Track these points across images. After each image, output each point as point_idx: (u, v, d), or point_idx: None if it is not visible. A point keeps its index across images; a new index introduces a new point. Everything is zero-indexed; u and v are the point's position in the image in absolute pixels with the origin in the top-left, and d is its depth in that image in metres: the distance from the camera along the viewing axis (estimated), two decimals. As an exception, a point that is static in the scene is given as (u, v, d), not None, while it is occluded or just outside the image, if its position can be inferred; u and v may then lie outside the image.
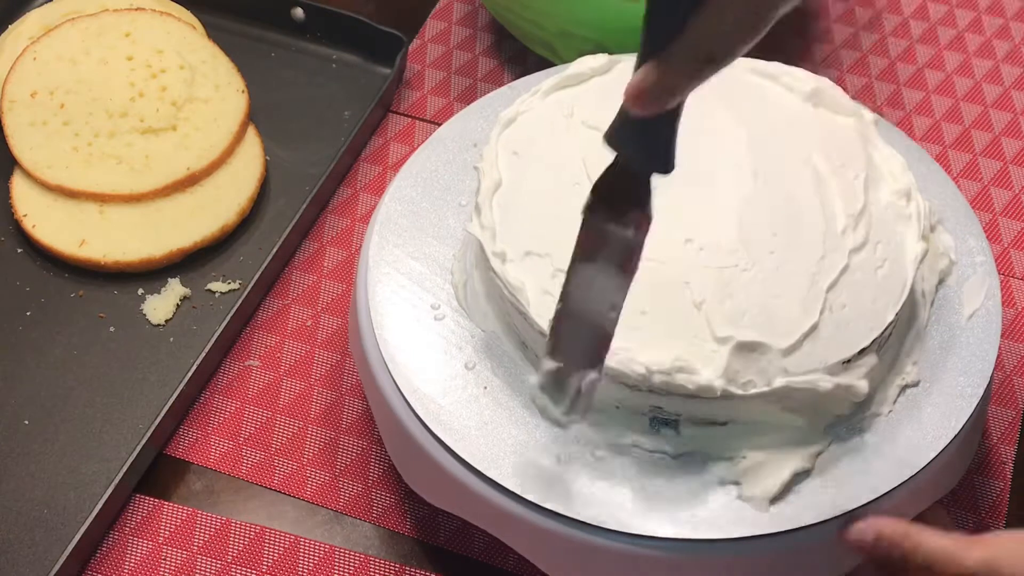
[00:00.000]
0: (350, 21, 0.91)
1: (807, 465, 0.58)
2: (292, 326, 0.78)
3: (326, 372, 0.75)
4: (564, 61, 0.83)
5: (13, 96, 0.83)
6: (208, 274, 0.79)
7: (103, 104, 0.83)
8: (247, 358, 0.76)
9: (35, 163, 0.81)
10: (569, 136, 0.66)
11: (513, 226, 0.62)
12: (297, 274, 0.80)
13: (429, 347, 0.63)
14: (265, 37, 0.94)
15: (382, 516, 0.69)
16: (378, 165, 0.87)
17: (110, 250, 0.78)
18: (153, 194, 0.80)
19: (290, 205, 0.83)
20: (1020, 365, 0.76)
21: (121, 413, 0.72)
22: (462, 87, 0.92)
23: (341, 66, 0.92)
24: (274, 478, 0.71)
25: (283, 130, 0.87)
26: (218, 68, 0.87)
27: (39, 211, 0.80)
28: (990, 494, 0.71)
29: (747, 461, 0.58)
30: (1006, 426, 0.73)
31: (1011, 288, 0.80)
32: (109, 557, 0.68)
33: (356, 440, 0.72)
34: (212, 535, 0.69)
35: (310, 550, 0.68)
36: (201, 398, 0.74)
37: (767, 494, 0.57)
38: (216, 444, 0.72)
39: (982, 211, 0.84)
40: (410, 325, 0.64)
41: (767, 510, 0.57)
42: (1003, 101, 0.92)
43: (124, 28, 0.87)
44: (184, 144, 0.82)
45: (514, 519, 0.58)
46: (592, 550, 0.57)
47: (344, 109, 0.89)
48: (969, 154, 0.88)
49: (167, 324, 0.77)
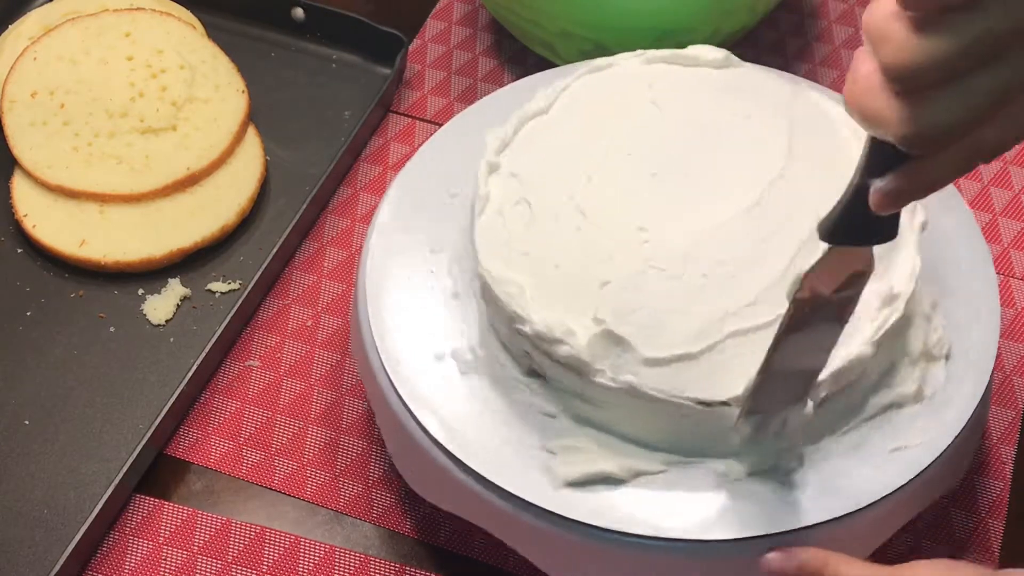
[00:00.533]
0: (350, 21, 0.91)
1: (620, 475, 0.58)
2: (292, 326, 0.78)
3: (326, 372, 0.75)
4: (564, 61, 0.83)
5: (13, 96, 0.83)
6: (208, 274, 0.79)
7: (103, 104, 0.83)
8: (247, 358, 0.76)
9: (35, 163, 0.81)
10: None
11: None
12: (297, 274, 0.80)
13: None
14: (265, 37, 0.94)
15: (382, 516, 0.70)
16: (378, 165, 0.87)
17: (110, 250, 0.78)
18: (153, 194, 0.80)
19: (290, 205, 0.83)
20: (1020, 365, 0.76)
21: (121, 413, 0.72)
22: (462, 87, 0.92)
23: (341, 66, 0.92)
24: (274, 478, 0.71)
25: (283, 130, 0.87)
26: (218, 68, 0.87)
27: (39, 211, 0.80)
28: (990, 494, 0.71)
29: (579, 440, 0.59)
30: (1006, 426, 0.73)
31: (1011, 288, 0.80)
32: (109, 557, 0.68)
33: (356, 440, 0.72)
34: (212, 535, 0.69)
35: (310, 550, 0.68)
36: (201, 398, 0.74)
37: (565, 477, 0.58)
38: (216, 444, 0.72)
39: (982, 211, 0.84)
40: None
41: (559, 489, 0.57)
42: (1003, 101, 0.91)
43: (124, 28, 0.87)
44: (184, 144, 0.82)
45: (513, 519, 0.58)
46: (592, 550, 0.58)
47: (344, 109, 0.89)
48: (969, 154, 0.88)
49: (167, 324, 0.77)
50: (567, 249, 0.60)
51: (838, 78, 0.93)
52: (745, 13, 0.84)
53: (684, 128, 0.65)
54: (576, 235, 0.60)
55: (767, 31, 0.95)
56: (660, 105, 0.66)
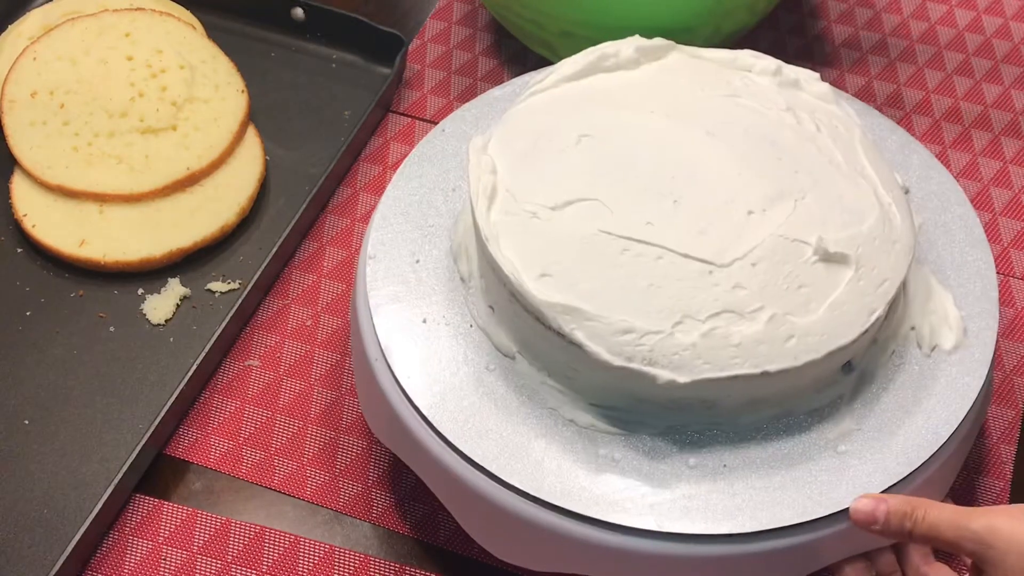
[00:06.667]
0: (350, 21, 0.91)
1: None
2: (292, 326, 0.78)
3: (326, 372, 0.75)
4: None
5: (13, 96, 0.83)
6: (208, 274, 0.79)
7: (103, 104, 0.83)
8: (247, 358, 0.76)
9: (35, 163, 0.81)
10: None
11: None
12: (297, 274, 0.80)
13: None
14: (265, 37, 0.94)
15: (382, 516, 0.70)
16: (378, 165, 0.87)
17: (110, 250, 0.78)
18: (153, 194, 0.80)
19: (290, 205, 0.83)
20: (1020, 365, 0.76)
21: (121, 413, 0.72)
22: (462, 87, 0.92)
23: (341, 66, 0.92)
24: (274, 478, 0.71)
25: (283, 130, 0.87)
26: (218, 68, 0.87)
27: (39, 211, 0.80)
28: (990, 494, 0.71)
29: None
30: (1006, 426, 0.73)
31: (1011, 288, 0.80)
32: (109, 557, 0.68)
33: (356, 440, 0.72)
34: (212, 535, 0.69)
35: (310, 550, 0.68)
36: (201, 398, 0.74)
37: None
38: (216, 444, 0.72)
39: (982, 211, 0.84)
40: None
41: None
42: (1003, 101, 0.92)
43: (124, 28, 0.87)
44: (184, 144, 0.82)
45: (512, 516, 0.59)
46: (594, 546, 0.58)
47: (344, 109, 0.89)
48: (969, 154, 0.88)
49: (167, 324, 0.77)
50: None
51: (838, 78, 0.93)
52: (745, 13, 0.84)
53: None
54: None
55: (767, 31, 0.95)
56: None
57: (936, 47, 0.95)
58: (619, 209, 0.60)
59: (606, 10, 0.81)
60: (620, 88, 0.67)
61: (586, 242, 0.59)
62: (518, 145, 0.64)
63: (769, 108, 0.65)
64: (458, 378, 0.62)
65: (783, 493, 0.58)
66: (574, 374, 0.60)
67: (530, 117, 0.66)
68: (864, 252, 0.60)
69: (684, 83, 0.67)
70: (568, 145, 0.63)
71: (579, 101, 0.66)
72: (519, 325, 0.61)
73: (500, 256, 0.59)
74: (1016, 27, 0.97)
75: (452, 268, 0.66)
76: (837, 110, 0.67)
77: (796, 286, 0.58)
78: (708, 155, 0.62)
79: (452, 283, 0.66)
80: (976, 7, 0.98)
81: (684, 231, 0.59)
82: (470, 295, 0.65)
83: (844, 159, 0.64)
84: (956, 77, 0.93)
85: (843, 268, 0.59)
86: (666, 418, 0.60)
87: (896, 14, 0.98)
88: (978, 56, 0.95)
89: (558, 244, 0.59)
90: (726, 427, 0.60)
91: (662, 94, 0.66)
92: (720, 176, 0.61)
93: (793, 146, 0.63)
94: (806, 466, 0.59)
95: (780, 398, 0.60)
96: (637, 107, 0.65)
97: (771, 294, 0.58)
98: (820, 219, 0.60)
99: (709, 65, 0.69)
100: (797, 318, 0.57)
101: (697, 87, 0.66)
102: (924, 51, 0.95)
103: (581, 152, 0.63)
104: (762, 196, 0.61)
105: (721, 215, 0.60)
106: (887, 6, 0.98)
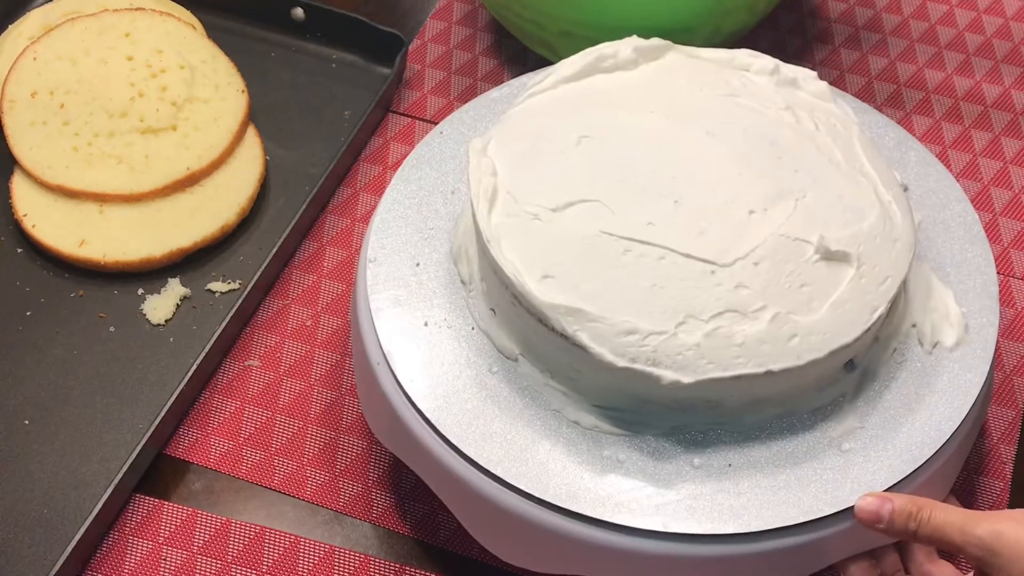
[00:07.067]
0: (350, 21, 0.91)
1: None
2: (292, 326, 0.78)
3: (326, 372, 0.75)
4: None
5: (13, 96, 0.83)
6: (208, 274, 0.79)
7: (103, 104, 0.83)
8: (247, 358, 0.76)
9: (35, 163, 0.81)
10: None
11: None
12: (297, 274, 0.80)
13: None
14: (265, 37, 0.94)
15: (382, 516, 0.69)
16: (378, 165, 0.87)
17: (110, 250, 0.78)
18: (153, 194, 0.80)
19: (290, 205, 0.83)
20: (1020, 365, 0.76)
21: (121, 413, 0.72)
22: (462, 87, 0.92)
23: (341, 66, 0.92)
24: (274, 478, 0.71)
25: (283, 130, 0.87)
26: (218, 68, 0.87)
27: (39, 211, 0.79)
28: (990, 494, 0.71)
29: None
30: (1006, 426, 0.73)
31: (1011, 288, 0.80)
32: (109, 557, 0.68)
33: (356, 440, 0.72)
34: (212, 535, 0.68)
35: (310, 550, 0.68)
36: (201, 398, 0.74)
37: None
38: (216, 444, 0.72)
39: (982, 211, 0.84)
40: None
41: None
42: (1003, 101, 0.92)
43: (124, 28, 0.87)
44: (184, 144, 0.82)
45: (518, 519, 0.58)
46: (600, 547, 0.58)
47: (344, 109, 0.89)
48: (969, 154, 0.88)
49: (167, 324, 0.77)
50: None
51: (838, 78, 0.93)
52: (745, 13, 0.84)
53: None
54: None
55: (767, 31, 0.95)
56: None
57: (936, 47, 0.96)
58: (620, 210, 0.60)
59: (606, 10, 0.81)
60: (619, 89, 0.67)
61: (588, 243, 0.59)
62: (518, 147, 0.64)
63: (768, 107, 0.65)
64: (461, 381, 0.62)
65: (788, 492, 0.58)
66: (577, 375, 0.60)
67: (529, 119, 0.66)
68: (865, 250, 0.60)
69: (683, 83, 0.67)
70: (568, 146, 0.63)
71: (578, 102, 0.66)
72: (521, 327, 0.61)
73: (502, 258, 0.59)
74: (1016, 27, 0.97)
75: (453, 271, 0.66)
76: (835, 108, 0.67)
77: (798, 285, 0.58)
78: (708, 155, 0.62)
79: (453, 286, 0.65)
80: (976, 7, 0.99)
81: (685, 231, 0.59)
82: (471, 298, 0.65)
83: (843, 157, 0.64)
84: (956, 77, 0.93)
85: (845, 266, 0.59)
86: (670, 418, 0.60)
87: (896, 14, 0.98)
88: (978, 56, 0.95)
89: (560, 245, 0.59)
90: (730, 427, 0.60)
91: (661, 94, 0.66)
92: (720, 176, 0.61)
93: (793, 145, 0.63)
94: (810, 465, 0.59)
95: (783, 397, 0.60)
96: (636, 107, 0.65)
97: (773, 293, 0.58)
98: (821, 218, 0.60)
99: (707, 65, 0.69)
100: (800, 317, 0.57)
101: (696, 87, 0.66)
102: (924, 51, 0.95)
103: (581, 153, 0.63)
104: (763, 195, 0.61)
105: (722, 215, 0.60)
106: (887, 6, 0.98)
